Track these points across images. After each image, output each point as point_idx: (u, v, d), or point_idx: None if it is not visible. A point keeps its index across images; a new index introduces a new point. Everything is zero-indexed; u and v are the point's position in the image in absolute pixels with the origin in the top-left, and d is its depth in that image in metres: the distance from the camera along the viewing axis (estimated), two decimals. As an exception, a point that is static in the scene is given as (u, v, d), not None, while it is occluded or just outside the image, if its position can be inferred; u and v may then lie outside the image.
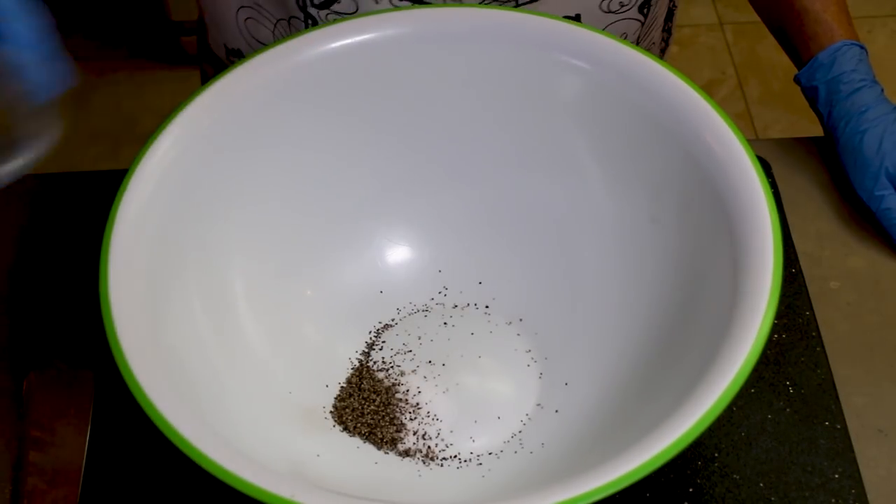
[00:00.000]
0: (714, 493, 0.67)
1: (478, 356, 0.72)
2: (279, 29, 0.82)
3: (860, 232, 0.80)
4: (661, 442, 0.54)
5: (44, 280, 0.78)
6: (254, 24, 0.83)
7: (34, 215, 0.82)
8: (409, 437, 0.68)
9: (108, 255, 0.61)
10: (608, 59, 0.69)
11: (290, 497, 0.53)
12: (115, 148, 1.89)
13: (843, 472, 0.67)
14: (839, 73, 0.80)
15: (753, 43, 2.07)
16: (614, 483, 0.53)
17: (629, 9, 0.81)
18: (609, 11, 0.81)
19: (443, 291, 0.75)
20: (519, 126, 0.73)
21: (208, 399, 0.60)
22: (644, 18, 0.84)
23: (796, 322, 0.74)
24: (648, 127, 0.68)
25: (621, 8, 0.81)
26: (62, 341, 0.74)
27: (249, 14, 0.82)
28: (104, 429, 0.70)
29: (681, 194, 0.67)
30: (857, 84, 0.79)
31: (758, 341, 0.57)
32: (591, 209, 0.72)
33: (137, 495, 0.67)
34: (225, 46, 0.88)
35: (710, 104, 0.66)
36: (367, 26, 0.71)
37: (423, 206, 0.76)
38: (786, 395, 0.71)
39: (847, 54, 0.80)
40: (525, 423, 0.69)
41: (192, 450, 0.54)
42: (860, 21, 2.09)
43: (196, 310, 0.65)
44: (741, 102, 1.95)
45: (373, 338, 0.73)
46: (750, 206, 0.62)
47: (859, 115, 0.78)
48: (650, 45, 0.89)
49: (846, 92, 0.79)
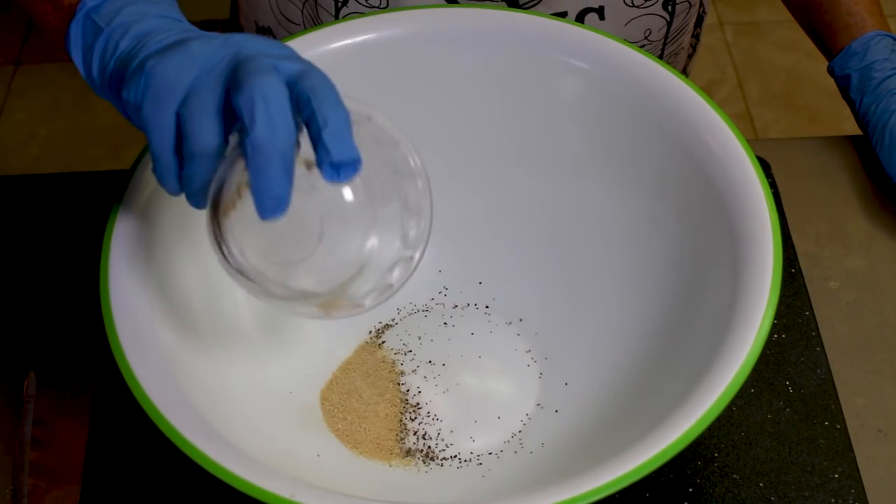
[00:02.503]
0: (714, 493, 0.67)
1: (478, 356, 0.72)
2: (308, 8, 0.82)
3: (860, 232, 0.80)
4: (660, 442, 0.54)
5: (44, 280, 0.78)
6: (284, 2, 0.84)
7: (34, 215, 0.82)
8: (409, 437, 0.68)
9: (108, 255, 0.61)
10: (608, 59, 0.69)
11: (290, 497, 0.53)
12: (115, 148, 1.89)
13: (843, 472, 0.67)
14: (872, 61, 0.82)
15: (753, 43, 2.07)
16: (614, 483, 0.53)
17: (652, 4, 0.82)
18: (633, 6, 0.82)
19: (443, 291, 0.75)
20: (519, 126, 0.73)
21: (208, 399, 0.60)
22: (670, 17, 0.84)
23: (796, 322, 0.74)
24: (648, 127, 0.68)
25: (645, 3, 0.82)
26: (62, 341, 0.74)
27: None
28: (104, 428, 0.70)
29: (681, 194, 0.67)
30: (888, 71, 0.81)
31: (758, 341, 0.57)
32: (591, 209, 0.72)
33: (137, 495, 0.67)
34: (256, 24, 0.89)
35: (710, 104, 0.66)
36: (367, 26, 0.71)
37: (423, 206, 0.76)
38: (786, 395, 0.71)
39: (880, 44, 0.83)
40: (525, 423, 0.69)
41: (192, 449, 0.54)
42: (860, 21, 2.09)
43: (196, 309, 0.65)
44: (741, 102, 1.95)
45: (373, 338, 0.73)
46: (750, 206, 0.62)
47: (890, 96, 0.80)
48: (678, 50, 0.90)
49: (878, 79, 0.81)
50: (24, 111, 2.00)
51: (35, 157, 1.92)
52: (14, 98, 2.02)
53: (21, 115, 1.99)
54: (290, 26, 0.85)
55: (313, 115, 0.50)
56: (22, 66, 2.07)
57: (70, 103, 1.97)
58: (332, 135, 0.50)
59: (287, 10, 0.84)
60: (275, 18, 0.86)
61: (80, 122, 1.95)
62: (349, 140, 0.51)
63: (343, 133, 0.51)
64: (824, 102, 1.95)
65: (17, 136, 1.96)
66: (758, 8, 2.14)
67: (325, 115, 0.50)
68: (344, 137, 0.51)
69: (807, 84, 1.99)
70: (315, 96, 0.51)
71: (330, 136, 0.50)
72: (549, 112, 0.72)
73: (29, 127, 1.97)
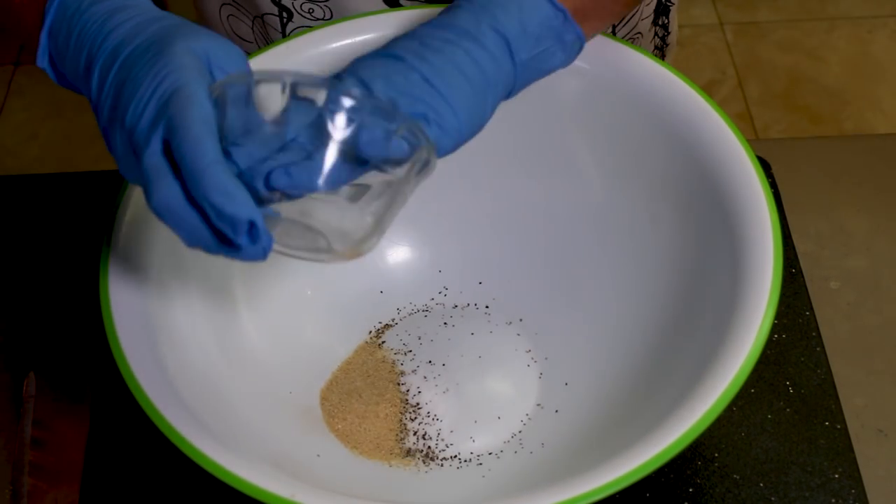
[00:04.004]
0: (714, 493, 0.67)
1: (478, 356, 0.72)
2: (257, 25, 0.82)
3: (860, 232, 0.80)
4: (660, 442, 0.54)
5: (44, 280, 0.78)
6: (235, 21, 0.84)
7: (34, 215, 0.82)
8: (409, 437, 0.68)
9: (108, 255, 0.61)
10: (608, 59, 0.69)
11: (290, 497, 0.53)
12: (115, 148, 1.89)
13: (843, 472, 0.67)
14: None
15: (753, 43, 2.07)
16: (614, 483, 0.53)
17: None
18: None
19: (443, 291, 0.75)
20: (519, 126, 0.73)
21: (208, 399, 0.60)
22: None
23: (796, 322, 0.74)
24: (648, 127, 0.68)
25: None
26: (62, 341, 0.74)
27: (230, 11, 0.83)
28: (104, 429, 0.70)
29: (681, 194, 0.67)
30: None
31: (758, 341, 0.57)
32: (591, 209, 0.72)
33: (137, 495, 0.67)
34: None
35: (710, 104, 0.66)
36: (367, 26, 0.71)
37: (424, 206, 0.76)
38: (786, 395, 0.71)
39: None
40: (525, 423, 0.69)
41: (192, 450, 0.54)
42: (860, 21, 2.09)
43: (196, 309, 0.65)
44: (741, 102, 1.95)
45: (373, 338, 0.73)
46: (750, 206, 0.62)
47: None
48: (634, 36, 0.88)
49: None
50: (24, 111, 2.00)
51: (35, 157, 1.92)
52: (14, 98, 2.02)
53: (21, 115, 1.99)
54: (242, 44, 0.85)
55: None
56: (22, 66, 2.07)
57: (70, 103, 1.97)
58: (206, 198, 0.48)
59: (239, 29, 0.84)
60: (228, 38, 0.86)
61: (80, 122, 1.95)
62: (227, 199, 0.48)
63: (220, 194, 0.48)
64: (824, 102, 1.96)
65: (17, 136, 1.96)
66: (758, 8, 2.14)
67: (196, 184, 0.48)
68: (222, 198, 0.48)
69: (807, 84, 1.99)
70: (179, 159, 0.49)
71: (205, 201, 0.48)
72: (550, 112, 0.72)
73: (29, 127, 1.97)
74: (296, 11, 0.78)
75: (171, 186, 0.49)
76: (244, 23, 0.83)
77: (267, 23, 0.81)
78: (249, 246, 0.49)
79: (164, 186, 0.49)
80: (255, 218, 0.48)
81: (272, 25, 0.80)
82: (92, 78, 0.54)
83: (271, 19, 0.80)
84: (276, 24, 0.80)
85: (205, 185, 0.48)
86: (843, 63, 2.03)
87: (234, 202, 0.48)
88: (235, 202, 0.48)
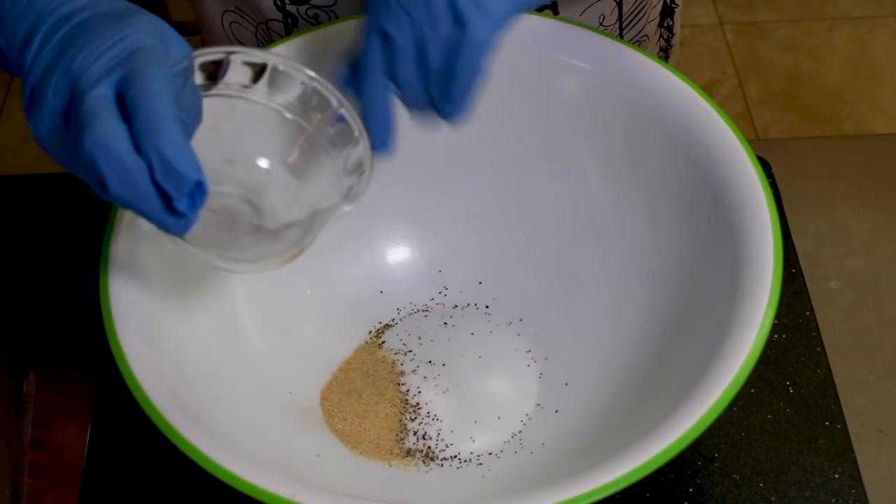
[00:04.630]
0: (714, 493, 0.67)
1: (478, 356, 0.72)
2: (261, 32, 0.82)
3: (860, 232, 0.80)
4: (661, 442, 0.54)
5: (44, 280, 0.78)
6: (238, 28, 0.83)
7: (34, 215, 0.82)
8: (409, 437, 0.68)
9: (108, 255, 0.61)
10: (608, 59, 0.69)
11: (290, 497, 0.53)
12: (115, 148, 1.89)
13: (843, 472, 0.67)
14: None
15: (753, 43, 2.07)
16: (614, 483, 0.53)
17: None
18: None
19: (443, 291, 0.75)
20: (519, 126, 0.73)
21: (208, 399, 0.60)
22: (617, 1, 0.83)
23: (796, 322, 0.74)
24: (648, 127, 0.68)
25: None
26: (62, 341, 0.74)
27: (233, 18, 0.83)
28: (104, 429, 0.70)
29: (681, 194, 0.67)
30: None
31: (758, 341, 0.57)
32: (591, 209, 0.72)
33: (137, 495, 0.67)
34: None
35: (710, 104, 0.66)
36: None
37: (423, 205, 0.76)
38: (786, 395, 0.71)
39: None
40: (525, 423, 0.69)
41: (192, 450, 0.54)
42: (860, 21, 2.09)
43: (196, 309, 0.65)
44: (741, 102, 1.95)
45: (373, 338, 0.73)
46: (750, 206, 0.62)
47: None
48: (641, 39, 0.88)
49: None
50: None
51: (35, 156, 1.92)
52: (14, 98, 2.02)
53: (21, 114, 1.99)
54: None
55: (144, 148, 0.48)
56: (22, 65, 2.07)
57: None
58: (162, 174, 0.47)
59: (242, 36, 0.84)
60: (230, 44, 0.85)
61: (80, 122, 1.95)
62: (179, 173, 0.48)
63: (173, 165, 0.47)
64: (824, 102, 1.96)
65: (17, 135, 1.96)
66: (758, 8, 2.14)
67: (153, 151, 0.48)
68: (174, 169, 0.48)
69: (807, 84, 1.99)
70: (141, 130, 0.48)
71: (160, 175, 0.47)
72: (550, 112, 0.72)
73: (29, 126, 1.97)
74: (300, 18, 0.78)
75: (116, 126, 0.48)
76: (247, 29, 0.83)
77: (271, 29, 0.80)
78: (186, 211, 0.48)
79: (108, 124, 0.48)
80: (202, 179, 0.48)
81: (277, 32, 0.80)
82: (33, 41, 0.52)
83: (276, 25, 0.80)
84: (281, 31, 0.80)
85: (160, 137, 0.47)
86: (843, 63, 2.03)
87: (187, 159, 0.47)
88: (187, 159, 0.47)
